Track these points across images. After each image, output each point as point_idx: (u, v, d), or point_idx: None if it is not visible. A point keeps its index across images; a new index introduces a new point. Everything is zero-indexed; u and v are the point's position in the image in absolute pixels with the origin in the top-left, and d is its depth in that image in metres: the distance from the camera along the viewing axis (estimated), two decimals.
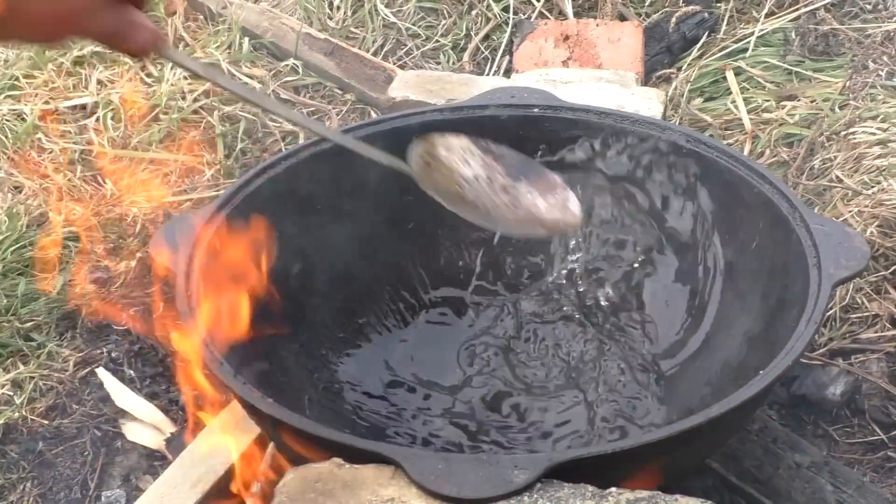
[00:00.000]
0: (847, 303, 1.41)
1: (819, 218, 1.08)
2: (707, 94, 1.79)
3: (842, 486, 1.13)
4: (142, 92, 1.79)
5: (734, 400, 0.90)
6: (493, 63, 1.91)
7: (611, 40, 1.81)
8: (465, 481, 0.83)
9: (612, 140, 1.23)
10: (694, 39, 1.89)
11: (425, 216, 1.19)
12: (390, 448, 0.88)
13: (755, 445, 1.16)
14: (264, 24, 1.94)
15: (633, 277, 1.25)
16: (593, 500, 0.84)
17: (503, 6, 1.96)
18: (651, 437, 0.88)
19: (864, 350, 1.37)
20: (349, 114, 1.84)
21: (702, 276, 1.20)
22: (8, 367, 1.42)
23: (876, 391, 1.33)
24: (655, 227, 1.24)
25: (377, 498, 0.84)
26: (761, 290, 1.11)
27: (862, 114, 1.62)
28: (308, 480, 0.86)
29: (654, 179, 1.23)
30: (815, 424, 1.31)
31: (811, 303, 0.98)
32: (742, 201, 1.14)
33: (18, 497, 1.29)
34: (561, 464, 0.85)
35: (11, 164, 1.68)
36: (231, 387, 0.94)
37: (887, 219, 1.43)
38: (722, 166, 1.16)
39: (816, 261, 1.02)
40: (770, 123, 1.68)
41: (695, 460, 1.07)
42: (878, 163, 1.53)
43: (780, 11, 1.89)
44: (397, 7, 1.99)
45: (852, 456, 1.28)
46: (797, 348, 0.94)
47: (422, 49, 1.94)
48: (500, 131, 1.25)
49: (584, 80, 1.68)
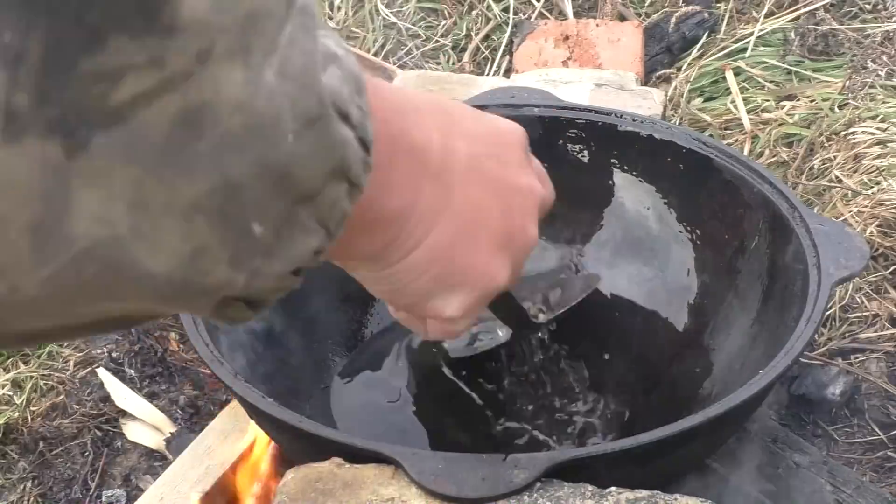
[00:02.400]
0: (846, 302, 1.41)
1: (819, 218, 1.08)
2: (707, 94, 1.79)
3: (841, 486, 1.13)
4: None
5: (734, 400, 0.90)
6: (493, 63, 1.91)
7: (611, 40, 1.81)
8: (465, 481, 0.83)
9: (612, 140, 1.23)
10: (694, 39, 1.89)
11: None
12: (390, 448, 0.88)
13: (755, 445, 1.16)
14: None
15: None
16: (593, 500, 0.84)
17: (503, 6, 1.96)
18: (651, 437, 0.88)
19: (863, 350, 1.37)
20: None
21: (701, 275, 1.20)
22: (8, 366, 1.42)
23: (875, 391, 1.33)
24: (655, 226, 1.24)
25: (377, 498, 0.84)
26: (761, 290, 1.11)
27: (861, 114, 1.62)
28: (308, 480, 0.86)
29: (654, 179, 1.23)
30: (814, 424, 1.31)
31: (811, 302, 0.98)
32: (741, 201, 1.14)
33: (18, 497, 1.29)
34: (561, 464, 0.85)
35: None
36: (231, 387, 0.94)
37: (887, 219, 1.43)
38: (721, 166, 1.16)
39: (816, 260, 1.02)
40: (770, 123, 1.68)
41: (695, 460, 1.07)
42: (878, 163, 1.53)
43: (779, 11, 1.89)
44: (397, 7, 1.99)
45: (851, 456, 1.28)
46: (797, 348, 0.94)
47: (422, 49, 1.94)
48: None
49: (583, 80, 1.68)
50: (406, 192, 0.53)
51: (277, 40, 0.36)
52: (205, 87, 0.34)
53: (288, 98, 0.37)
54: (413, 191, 0.53)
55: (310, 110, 0.38)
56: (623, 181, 1.24)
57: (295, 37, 0.37)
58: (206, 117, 0.35)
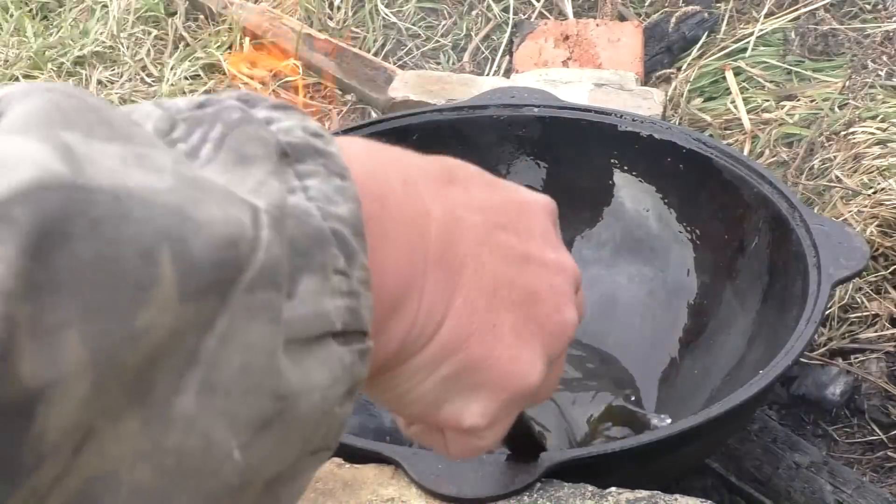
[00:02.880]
0: (846, 302, 1.41)
1: (819, 218, 1.09)
2: (707, 94, 1.79)
3: (841, 486, 1.13)
4: (142, 92, 1.79)
5: (734, 400, 0.90)
6: (493, 63, 1.91)
7: (611, 40, 1.81)
8: (465, 481, 0.83)
9: (612, 140, 1.23)
10: (694, 39, 1.88)
11: None
12: (390, 448, 0.89)
13: (755, 445, 1.16)
14: (265, 24, 1.94)
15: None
16: (593, 500, 0.84)
17: (503, 6, 1.96)
18: (651, 437, 0.88)
19: (863, 350, 1.37)
20: (349, 114, 1.84)
21: (701, 275, 1.20)
22: None
23: (875, 391, 1.33)
24: (655, 226, 1.24)
25: (377, 498, 0.84)
26: (761, 290, 1.11)
27: (861, 114, 1.62)
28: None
29: (653, 178, 1.23)
30: (814, 424, 1.31)
31: (811, 302, 0.98)
32: (741, 201, 1.14)
33: None
34: (561, 464, 0.85)
35: None
36: None
37: (887, 219, 1.43)
38: (721, 166, 1.16)
39: (816, 260, 1.02)
40: (770, 123, 1.68)
41: (695, 460, 1.07)
42: (878, 163, 1.53)
43: (779, 11, 1.88)
44: (397, 7, 1.99)
45: (852, 456, 1.28)
46: (797, 348, 0.94)
47: (422, 49, 1.94)
48: (500, 131, 1.25)
49: (583, 80, 1.68)
50: (403, 274, 0.41)
51: (196, 355, 0.30)
52: (86, 467, 0.29)
53: (221, 416, 0.31)
54: (411, 272, 0.42)
55: (262, 412, 0.32)
56: (623, 181, 1.25)
57: (231, 333, 0.30)
58: (100, 492, 0.29)
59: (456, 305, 0.43)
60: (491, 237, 0.45)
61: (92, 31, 1.89)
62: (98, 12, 1.93)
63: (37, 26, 1.94)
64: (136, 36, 1.90)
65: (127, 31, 1.89)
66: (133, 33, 1.90)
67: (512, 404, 0.47)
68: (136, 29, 1.90)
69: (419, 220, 0.42)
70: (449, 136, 1.25)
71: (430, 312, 0.42)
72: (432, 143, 1.25)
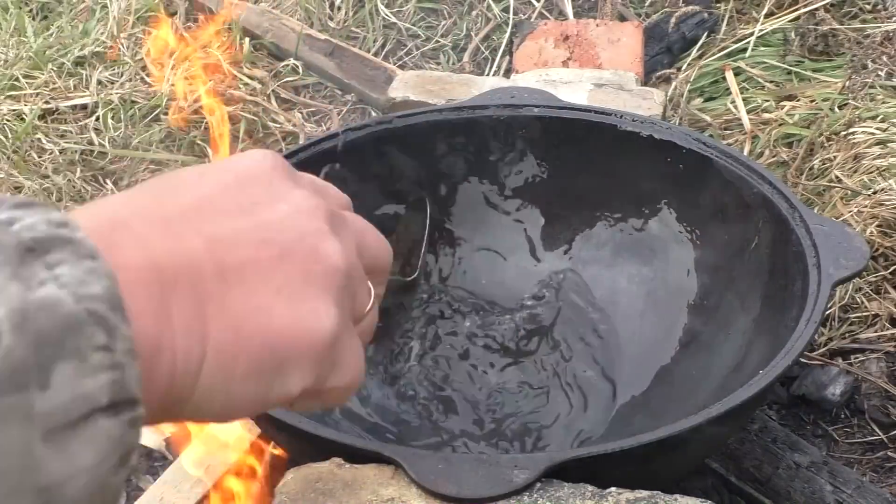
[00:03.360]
0: (846, 302, 1.41)
1: (818, 218, 1.09)
2: (707, 94, 1.79)
3: (841, 486, 1.13)
4: (142, 92, 1.79)
5: (734, 400, 0.90)
6: (493, 63, 1.91)
7: (611, 40, 1.81)
8: (465, 481, 0.83)
9: (612, 140, 1.23)
10: (694, 39, 1.88)
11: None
12: (390, 448, 0.89)
13: (755, 445, 1.16)
14: (265, 24, 1.94)
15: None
16: (593, 500, 0.84)
17: (503, 6, 1.96)
18: (651, 437, 0.88)
19: (863, 350, 1.37)
20: (349, 114, 1.84)
21: (701, 275, 1.20)
22: None
23: (875, 391, 1.33)
24: (654, 226, 1.24)
25: (377, 498, 0.84)
26: (761, 290, 1.11)
27: (861, 114, 1.62)
28: (308, 480, 0.86)
29: (653, 179, 1.23)
30: (814, 424, 1.31)
31: (811, 302, 0.98)
32: (741, 201, 1.14)
33: None
34: (561, 463, 0.85)
35: (11, 164, 1.68)
36: None
37: (887, 219, 1.43)
38: (721, 166, 1.16)
39: (816, 261, 1.02)
40: (769, 123, 1.68)
41: (695, 460, 1.07)
42: (878, 163, 1.53)
43: (779, 12, 1.89)
44: (397, 7, 1.99)
45: (852, 456, 1.28)
46: (797, 348, 0.94)
47: (422, 49, 1.94)
48: (500, 131, 1.25)
49: (583, 80, 1.68)
50: (150, 326, 0.39)
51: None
52: None
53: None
54: (155, 321, 0.40)
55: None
56: (623, 181, 1.25)
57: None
58: None
59: (209, 313, 0.42)
60: (218, 230, 0.44)
61: (92, 31, 1.89)
62: (98, 12, 1.93)
63: (37, 26, 1.94)
64: (136, 36, 1.90)
65: (127, 31, 1.89)
66: (133, 33, 1.90)
67: (322, 356, 0.45)
68: (137, 29, 1.90)
69: (149, 270, 0.40)
70: (449, 136, 1.25)
71: (186, 332, 0.41)
72: (432, 144, 1.25)
